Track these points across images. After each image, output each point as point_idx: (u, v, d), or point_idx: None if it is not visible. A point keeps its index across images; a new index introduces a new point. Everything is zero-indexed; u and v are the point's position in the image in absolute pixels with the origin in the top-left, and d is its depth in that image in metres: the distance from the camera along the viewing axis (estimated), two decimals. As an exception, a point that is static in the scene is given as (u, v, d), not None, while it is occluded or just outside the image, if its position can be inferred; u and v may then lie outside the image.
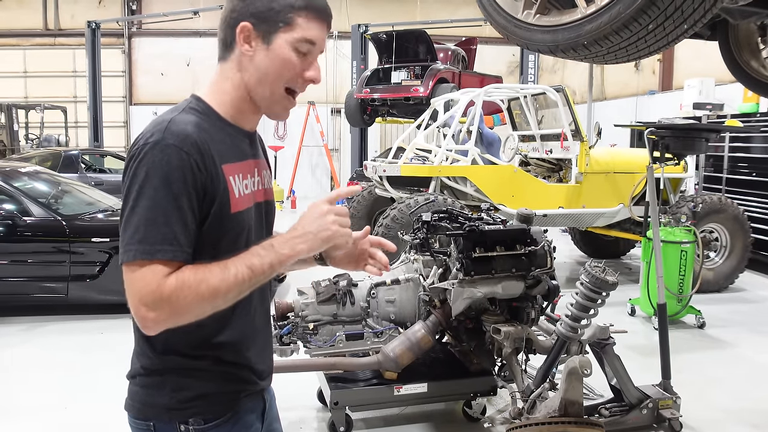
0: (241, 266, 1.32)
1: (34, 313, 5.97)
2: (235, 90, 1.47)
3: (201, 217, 1.36)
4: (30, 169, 6.98)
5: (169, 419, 1.43)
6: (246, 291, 1.35)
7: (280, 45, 1.41)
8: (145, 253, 1.27)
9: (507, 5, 2.24)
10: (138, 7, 18.61)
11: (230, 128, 1.48)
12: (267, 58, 1.42)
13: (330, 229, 1.39)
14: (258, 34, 1.41)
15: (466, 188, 7.05)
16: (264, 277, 1.36)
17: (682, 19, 1.78)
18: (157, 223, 1.28)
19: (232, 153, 1.45)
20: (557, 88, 7.42)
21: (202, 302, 1.30)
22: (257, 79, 1.44)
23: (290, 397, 3.99)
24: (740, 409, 4.14)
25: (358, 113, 12.91)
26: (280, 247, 1.37)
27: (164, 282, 1.27)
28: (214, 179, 1.36)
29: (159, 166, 1.29)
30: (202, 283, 1.29)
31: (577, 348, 3.28)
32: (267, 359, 1.62)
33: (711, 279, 7.08)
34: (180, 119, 1.37)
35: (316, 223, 1.39)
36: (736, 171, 8.98)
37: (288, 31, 1.41)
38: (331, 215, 1.40)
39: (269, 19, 1.40)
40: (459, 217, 3.59)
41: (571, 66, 17.76)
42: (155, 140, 1.31)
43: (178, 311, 1.29)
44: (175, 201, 1.29)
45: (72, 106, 17.87)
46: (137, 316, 1.28)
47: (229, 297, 1.33)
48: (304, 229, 1.39)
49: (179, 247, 1.30)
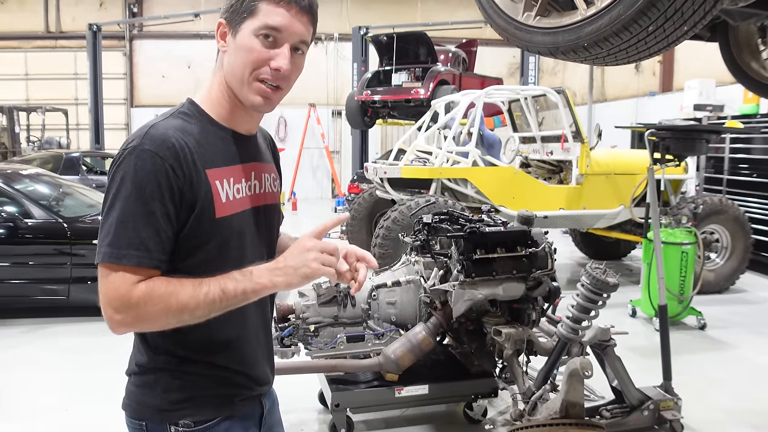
0: (215, 287, 1.32)
1: (35, 315, 5.98)
2: (219, 88, 1.48)
3: (180, 222, 1.36)
4: (31, 172, 6.99)
5: (160, 420, 1.44)
6: (217, 312, 1.34)
7: (243, 34, 1.40)
8: (112, 257, 1.30)
9: (507, 7, 2.24)
10: (139, 9, 18.65)
11: (222, 132, 1.47)
12: (234, 49, 1.42)
13: (310, 266, 1.36)
14: (229, 29, 1.42)
15: (467, 190, 7.05)
16: (236, 301, 1.35)
17: (682, 20, 1.78)
18: (126, 227, 1.30)
19: (222, 157, 1.44)
20: (558, 89, 7.43)
21: (168, 314, 1.31)
22: (229, 72, 1.44)
23: (291, 399, 4.00)
24: (741, 410, 4.14)
25: (359, 115, 12.93)
26: (259, 276, 1.35)
27: (133, 288, 1.29)
28: (194, 184, 1.36)
29: (133, 171, 1.31)
30: (171, 296, 1.30)
31: (578, 349, 3.28)
32: (265, 366, 1.61)
33: (712, 280, 7.08)
34: (162, 125, 1.38)
35: (299, 258, 1.36)
36: (737, 172, 8.97)
37: (251, 19, 1.40)
38: (314, 252, 1.37)
39: (236, 11, 1.41)
40: (460, 218, 3.59)
41: (571, 68, 17.77)
42: (133, 146, 1.33)
43: (143, 318, 1.31)
44: (145, 206, 1.30)
45: (73, 108, 17.89)
46: (105, 316, 1.31)
47: (197, 314, 1.33)
48: (286, 262, 1.37)
49: (146, 253, 1.30)
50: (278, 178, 1.68)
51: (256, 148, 1.59)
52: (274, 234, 1.66)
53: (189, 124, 1.42)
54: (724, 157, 9.15)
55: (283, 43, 1.41)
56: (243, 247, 1.48)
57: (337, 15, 17.53)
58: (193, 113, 1.45)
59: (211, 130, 1.45)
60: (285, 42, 1.41)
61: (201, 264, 1.40)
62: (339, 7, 17.60)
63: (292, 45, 1.42)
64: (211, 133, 1.45)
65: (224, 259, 1.43)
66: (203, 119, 1.45)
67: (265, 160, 1.61)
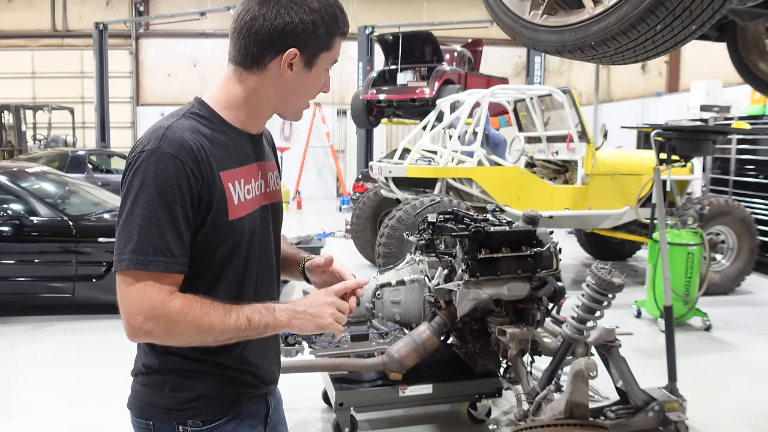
0: (242, 316, 1.36)
1: (40, 313, 6.00)
2: (252, 98, 1.47)
3: (196, 225, 1.36)
4: (37, 170, 7.00)
5: (168, 420, 1.44)
6: (237, 339, 1.39)
7: (319, 68, 1.47)
8: (138, 264, 1.28)
9: (514, 6, 2.23)
10: (145, 8, 18.69)
11: (234, 132, 1.47)
12: (305, 79, 1.46)
13: (326, 319, 1.46)
14: (301, 60, 1.43)
15: (472, 189, 7.04)
16: (257, 333, 1.40)
17: (691, 19, 1.77)
18: (150, 233, 1.29)
19: (234, 158, 1.44)
20: (563, 89, 7.41)
21: (198, 334, 1.33)
22: (286, 96, 1.48)
23: (295, 398, 4.00)
24: (747, 412, 4.12)
25: (364, 114, 12.93)
26: (280, 314, 1.42)
27: (169, 300, 1.30)
28: (210, 187, 1.36)
29: (154, 175, 1.30)
30: (205, 316, 1.32)
31: (582, 350, 3.27)
32: (271, 365, 1.61)
33: (717, 281, 7.06)
34: (177, 126, 1.37)
35: (317, 308, 1.46)
36: (743, 173, 8.94)
37: (327, 55, 1.46)
38: (333, 308, 1.48)
39: (314, 46, 1.43)
40: (464, 218, 3.58)
41: (577, 67, 17.72)
42: (151, 148, 1.32)
43: (173, 333, 1.32)
44: (169, 211, 1.30)
45: (79, 106, 17.95)
46: (130, 323, 1.30)
47: (221, 338, 1.36)
48: (306, 308, 1.46)
49: (173, 258, 1.31)
50: (279, 173, 1.70)
51: (262, 146, 1.59)
52: (279, 231, 1.67)
53: (201, 125, 1.41)
54: (731, 158, 9.12)
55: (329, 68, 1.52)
56: (252, 246, 1.49)
57: (342, 14, 17.51)
58: (205, 114, 1.44)
59: (223, 131, 1.45)
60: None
61: (216, 264, 1.41)
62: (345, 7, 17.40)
63: None
64: (223, 134, 1.44)
65: (237, 259, 1.45)
66: (215, 120, 1.45)
67: (268, 158, 1.62)
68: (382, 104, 12.52)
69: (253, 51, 1.41)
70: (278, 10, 1.38)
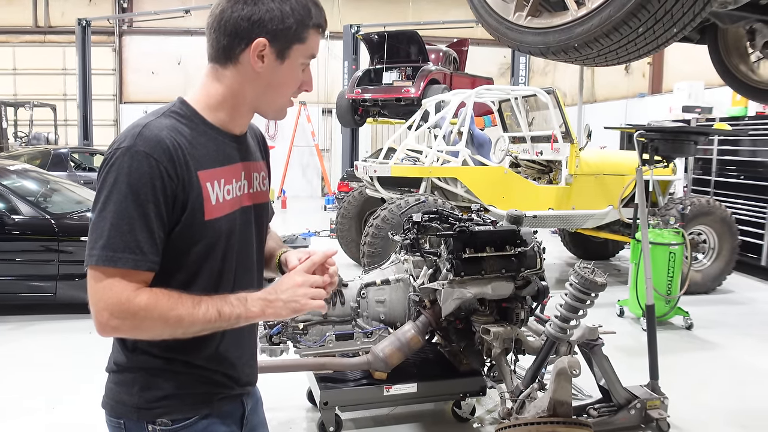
0: (212, 308, 1.35)
1: (22, 313, 5.93)
2: (229, 95, 1.46)
3: (171, 224, 1.35)
4: (19, 167, 6.92)
5: (138, 418, 1.43)
6: (208, 331, 1.37)
7: (293, 61, 1.44)
8: (107, 260, 1.28)
9: (498, 7, 2.25)
10: (129, 4, 18.52)
11: (215, 132, 1.46)
12: (279, 73, 1.44)
13: (299, 301, 1.42)
14: (272, 51, 1.41)
15: (457, 189, 7.06)
16: (228, 324, 1.38)
17: (672, 22, 1.80)
18: (121, 230, 1.29)
19: (213, 158, 1.43)
20: (548, 90, 7.45)
21: (166, 327, 1.33)
22: (262, 91, 1.46)
23: (280, 397, 4.00)
24: (727, 409, 4.18)
25: (349, 113, 12.92)
26: (252, 304, 1.39)
27: (135, 296, 1.29)
28: (186, 186, 1.35)
29: (127, 172, 1.30)
30: (171, 310, 1.31)
31: (566, 348, 3.29)
32: (246, 366, 1.59)
33: (699, 281, 7.13)
34: (155, 124, 1.36)
35: (289, 292, 1.42)
36: (725, 174, 9.04)
37: (301, 48, 1.43)
38: (304, 288, 1.43)
39: (285, 37, 1.41)
40: (449, 217, 3.60)
41: (562, 68, 17.82)
42: (126, 146, 1.32)
43: (140, 328, 1.32)
44: (141, 208, 1.30)
45: (62, 103, 17.77)
46: (98, 319, 1.30)
47: (190, 331, 1.35)
48: (278, 295, 1.41)
49: (142, 256, 1.30)
50: (267, 176, 1.68)
51: (246, 146, 1.58)
52: (263, 232, 1.66)
53: (181, 125, 1.40)
54: (712, 159, 9.22)
55: (309, 64, 1.49)
56: (230, 247, 1.48)
57: (328, 13, 16.96)
58: (185, 113, 1.44)
59: (203, 131, 1.44)
60: (309, 64, 1.49)
61: (191, 263, 1.41)
62: (331, 5, 17.54)
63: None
64: (203, 134, 1.44)
65: (214, 259, 1.44)
66: (196, 120, 1.44)
67: (254, 159, 1.60)
68: (367, 103, 12.52)
69: (223, 43, 1.41)
70: (246, 0, 1.38)
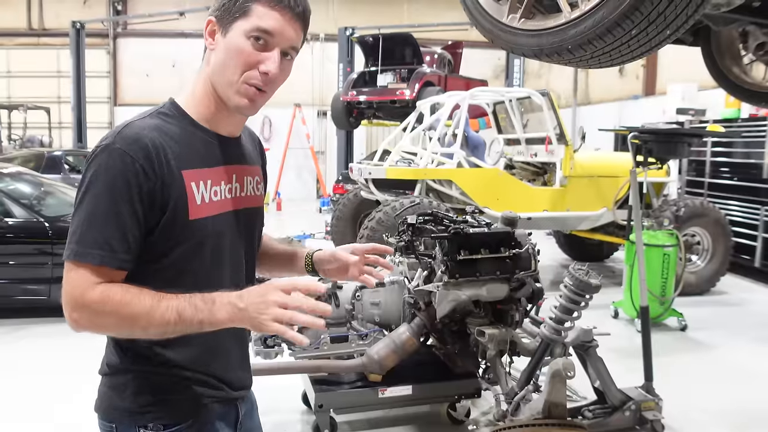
0: (173, 309, 1.28)
1: (16, 316, 5.91)
2: (204, 88, 1.46)
3: (150, 223, 1.34)
4: (12, 170, 6.90)
5: (130, 423, 1.42)
6: (171, 334, 1.31)
7: (234, 34, 1.39)
8: (77, 255, 1.29)
9: (492, 9, 2.25)
10: (123, 7, 18.48)
11: (203, 133, 1.46)
12: (224, 49, 1.40)
13: (262, 321, 1.27)
14: (219, 27, 1.41)
15: (452, 191, 7.06)
16: (191, 329, 1.30)
17: (665, 24, 1.80)
18: (92, 226, 1.29)
19: (200, 158, 1.43)
20: (542, 92, 7.47)
21: (120, 324, 1.30)
22: (216, 71, 1.43)
23: (274, 400, 3.98)
24: (722, 410, 4.19)
25: (344, 116, 12.92)
26: (218, 309, 1.29)
27: (90, 289, 1.28)
28: (166, 185, 1.34)
29: (104, 170, 1.30)
30: (125, 306, 1.28)
31: (560, 350, 3.29)
32: (238, 370, 1.58)
33: (693, 282, 7.15)
34: (137, 124, 1.36)
35: (258, 307, 1.28)
36: (718, 175, 9.07)
37: (243, 20, 1.38)
38: (273, 308, 1.27)
39: (228, 10, 1.39)
40: (444, 219, 3.59)
41: (556, 70, 17.86)
42: (105, 144, 1.33)
43: (96, 323, 1.31)
44: (114, 205, 1.29)
45: (56, 106, 17.70)
46: (65, 314, 1.30)
47: (149, 332, 1.31)
48: (245, 304, 1.29)
49: (110, 253, 1.29)
50: (262, 181, 1.66)
51: (240, 150, 1.57)
52: (254, 237, 1.64)
53: (167, 124, 1.40)
54: (706, 161, 9.25)
55: (274, 47, 1.40)
56: (221, 250, 1.46)
57: (323, 15, 17.48)
58: (173, 113, 1.44)
59: (190, 131, 1.43)
60: (275, 46, 1.40)
61: (175, 264, 1.39)
62: (325, 8, 17.55)
63: (282, 50, 1.41)
64: (190, 134, 1.43)
65: (200, 261, 1.42)
66: (184, 120, 1.44)
67: (248, 163, 1.59)
68: (362, 106, 12.52)
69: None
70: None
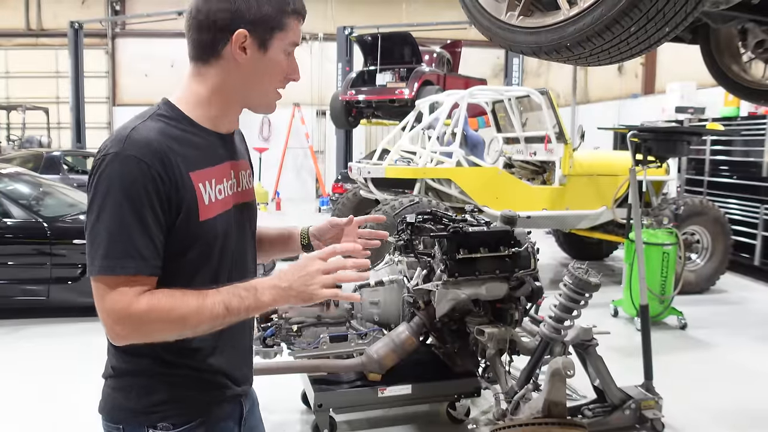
0: (219, 303, 1.31)
1: (14, 316, 5.89)
2: (215, 93, 1.45)
3: (167, 227, 1.34)
4: (11, 171, 6.89)
5: (138, 424, 1.41)
6: (219, 327, 1.34)
7: (275, 50, 1.42)
8: (108, 269, 1.27)
9: (490, 7, 2.24)
10: (121, 7, 18.48)
11: (203, 132, 1.45)
12: (262, 63, 1.42)
13: (313, 292, 1.35)
14: (253, 41, 1.40)
15: (451, 190, 7.06)
16: (239, 318, 1.35)
17: (664, 22, 1.79)
18: (119, 238, 1.28)
19: (204, 158, 1.43)
20: (541, 90, 7.46)
21: (170, 328, 1.31)
22: (248, 83, 1.44)
23: (274, 400, 3.98)
24: (721, 409, 4.19)
25: (343, 115, 12.92)
26: (262, 293, 1.35)
27: (135, 301, 1.28)
28: (179, 188, 1.34)
29: (119, 178, 1.28)
30: (173, 310, 1.29)
31: (560, 349, 3.29)
32: (244, 366, 1.59)
33: (692, 281, 7.15)
34: (143, 127, 1.35)
35: (302, 280, 1.35)
36: (718, 174, 9.07)
37: (282, 35, 1.42)
38: (319, 276, 1.36)
39: (265, 25, 1.40)
40: (443, 218, 3.59)
41: (555, 69, 17.86)
42: (115, 151, 1.30)
43: (144, 332, 1.30)
44: (137, 214, 1.28)
45: (54, 106, 17.68)
46: (107, 329, 1.30)
47: (198, 329, 1.33)
48: (289, 282, 1.36)
49: (143, 262, 1.29)
50: (252, 172, 1.68)
51: (233, 145, 1.57)
52: (253, 230, 1.65)
53: (170, 127, 1.39)
54: (705, 159, 9.25)
55: (293, 53, 1.47)
56: (226, 247, 1.47)
57: (322, 15, 17.49)
58: (172, 115, 1.42)
59: (191, 132, 1.43)
60: (293, 52, 1.48)
61: (187, 264, 1.39)
62: (324, 7, 17.55)
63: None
64: (191, 134, 1.42)
65: (209, 259, 1.43)
66: (183, 121, 1.43)
67: (240, 157, 1.60)
68: (361, 105, 12.53)
69: (204, 41, 1.42)
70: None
